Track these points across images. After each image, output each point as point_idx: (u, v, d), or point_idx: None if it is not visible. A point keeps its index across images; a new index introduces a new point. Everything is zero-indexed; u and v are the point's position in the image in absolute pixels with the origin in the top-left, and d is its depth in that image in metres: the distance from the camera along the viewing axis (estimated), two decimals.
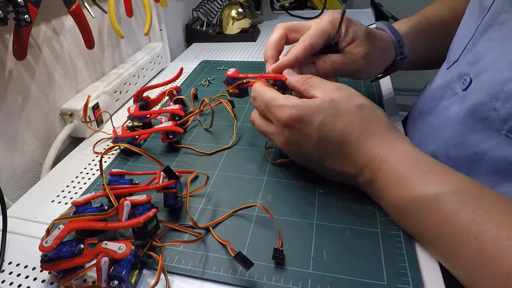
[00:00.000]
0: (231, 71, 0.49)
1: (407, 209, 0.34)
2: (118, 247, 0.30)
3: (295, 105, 0.37)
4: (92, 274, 0.34)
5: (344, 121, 0.37)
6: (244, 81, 0.48)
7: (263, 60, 0.47)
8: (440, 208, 0.31)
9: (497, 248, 0.27)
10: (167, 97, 0.60)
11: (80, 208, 0.37)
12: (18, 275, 0.35)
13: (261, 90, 0.41)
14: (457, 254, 0.30)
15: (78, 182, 0.47)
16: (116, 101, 0.63)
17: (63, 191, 0.45)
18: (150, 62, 0.75)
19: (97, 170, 0.49)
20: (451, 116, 0.42)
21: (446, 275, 0.32)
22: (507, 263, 0.26)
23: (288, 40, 0.47)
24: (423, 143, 0.47)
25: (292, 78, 0.42)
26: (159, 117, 0.53)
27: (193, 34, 0.99)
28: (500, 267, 0.27)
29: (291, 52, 0.43)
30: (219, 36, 0.97)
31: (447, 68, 0.48)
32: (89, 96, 0.55)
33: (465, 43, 0.44)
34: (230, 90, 0.50)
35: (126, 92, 0.66)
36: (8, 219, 0.38)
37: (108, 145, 0.54)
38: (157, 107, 0.62)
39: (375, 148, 0.36)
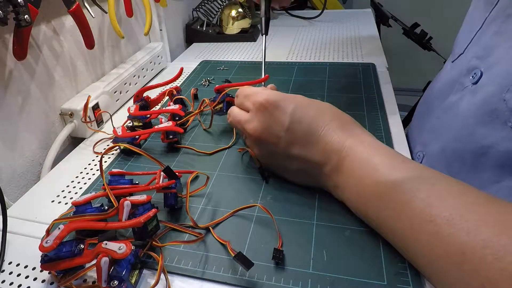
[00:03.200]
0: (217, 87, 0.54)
1: (371, 197, 0.34)
2: (118, 247, 0.30)
3: (272, 92, 0.41)
4: (92, 274, 0.34)
5: (315, 111, 0.40)
6: (229, 94, 0.53)
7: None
8: (398, 194, 0.32)
9: (451, 227, 0.28)
10: (167, 97, 0.60)
11: (80, 208, 0.37)
12: (18, 275, 0.35)
13: (245, 87, 0.45)
14: (415, 239, 0.30)
15: (78, 182, 0.47)
16: (116, 101, 0.63)
17: (63, 191, 0.45)
18: (150, 62, 0.75)
19: (97, 170, 0.49)
20: (461, 110, 0.42)
21: None
22: (461, 240, 0.27)
23: None
24: (430, 138, 0.47)
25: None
26: (159, 117, 0.53)
27: (193, 34, 0.99)
28: (455, 245, 0.27)
29: None
30: (219, 36, 0.97)
31: (453, 61, 0.48)
32: (89, 96, 0.55)
33: (472, 35, 0.44)
34: (215, 107, 0.53)
35: (126, 92, 0.66)
36: (8, 219, 0.38)
37: (108, 145, 0.54)
38: (157, 107, 0.62)
39: (342, 137, 0.37)
